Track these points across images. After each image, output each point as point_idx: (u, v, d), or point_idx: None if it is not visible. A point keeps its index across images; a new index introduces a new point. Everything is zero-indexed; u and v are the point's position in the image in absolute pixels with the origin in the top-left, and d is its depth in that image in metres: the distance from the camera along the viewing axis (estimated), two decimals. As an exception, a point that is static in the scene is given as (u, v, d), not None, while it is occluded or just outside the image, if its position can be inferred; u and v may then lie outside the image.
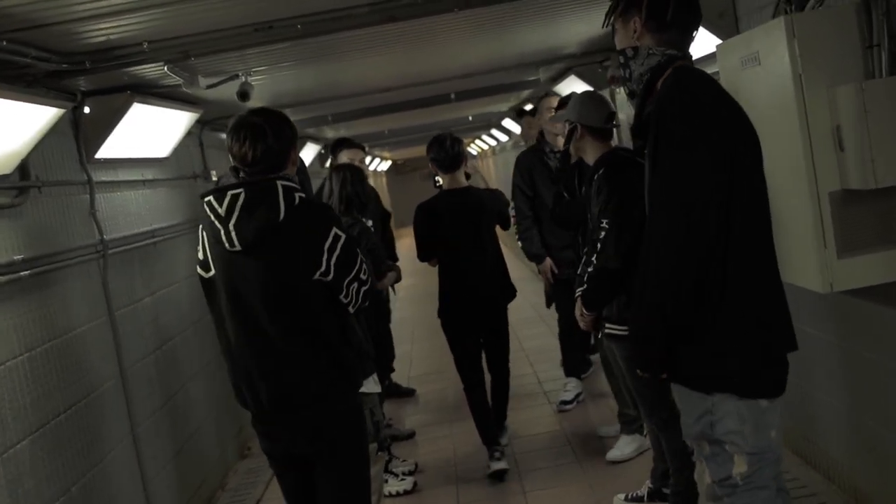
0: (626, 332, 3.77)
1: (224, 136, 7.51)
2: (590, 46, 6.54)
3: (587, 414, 5.90)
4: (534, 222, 5.93)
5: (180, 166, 6.08)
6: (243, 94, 4.59)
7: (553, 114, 5.83)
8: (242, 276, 2.82)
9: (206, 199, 2.85)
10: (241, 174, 2.89)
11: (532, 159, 6.03)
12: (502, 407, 5.44)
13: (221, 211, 2.80)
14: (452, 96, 7.95)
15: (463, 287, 5.12)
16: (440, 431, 6.12)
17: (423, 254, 5.27)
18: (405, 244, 11.02)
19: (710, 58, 4.00)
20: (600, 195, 3.73)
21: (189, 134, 6.05)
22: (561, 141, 5.90)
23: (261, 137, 2.82)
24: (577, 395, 6.10)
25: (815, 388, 4.17)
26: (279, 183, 2.79)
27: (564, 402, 6.05)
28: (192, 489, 5.18)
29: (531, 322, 9.13)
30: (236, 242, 2.78)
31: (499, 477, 5.05)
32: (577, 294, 3.97)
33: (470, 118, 12.32)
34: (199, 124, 6.55)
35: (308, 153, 10.13)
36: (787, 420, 3.62)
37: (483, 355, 5.31)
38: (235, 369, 2.95)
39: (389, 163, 26.59)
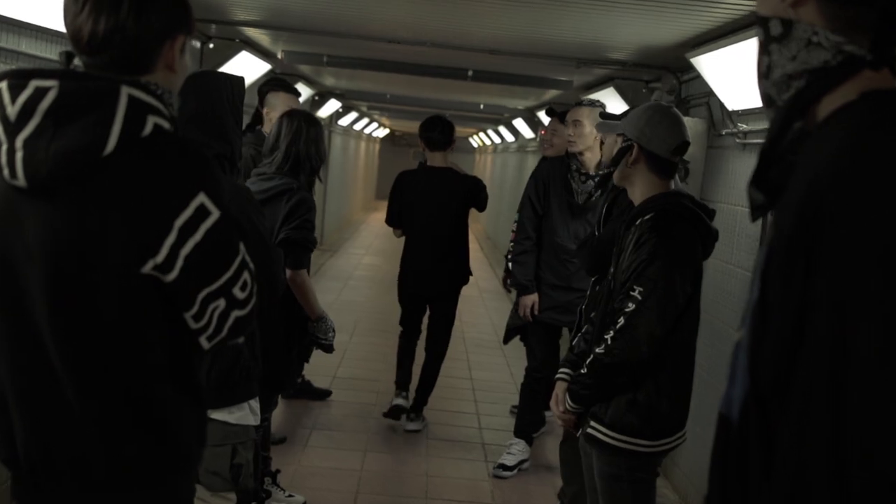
0: (620, 443, 2.69)
1: (196, 44, 6.39)
2: (643, 56, 5.43)
3: (528, 491, 4.80)
4: (534, 246, 4.91)
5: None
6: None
7: (574, 127, 4.81)
8: (23, 241, 1.61)
9: None
10: (74, 64, 1.73)
11: (553, 172, 4.92)
12: (428, 385, 5.67)
13: (11, 111, 1.56)
14: (470, 73, 6.81)
15: (422, 260, 5.48)
16: (349, 461, 4.99)
17: (392, 218, 5.61)
18: (379, 218, 9.83)
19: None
20: (639, 249, 2.63)
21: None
22: (591, 159, 4.87)
23: (110, 6, 1.62)
24: (521, 463, 5.00)
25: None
26: (126, 89, 1.59)
27: (504, 467, 4.95)
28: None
29: (488, 347, 8.02)
30: (20, 174, 1.56)
31: (393, 415, 5.54)
32: (558, 376, 2.89)
33: (482, 106, 11.18)
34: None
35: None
36: None
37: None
38: None
39: (387, 131, 25.36)
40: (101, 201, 1.58)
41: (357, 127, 16.99)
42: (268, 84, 4.85)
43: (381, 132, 24.40)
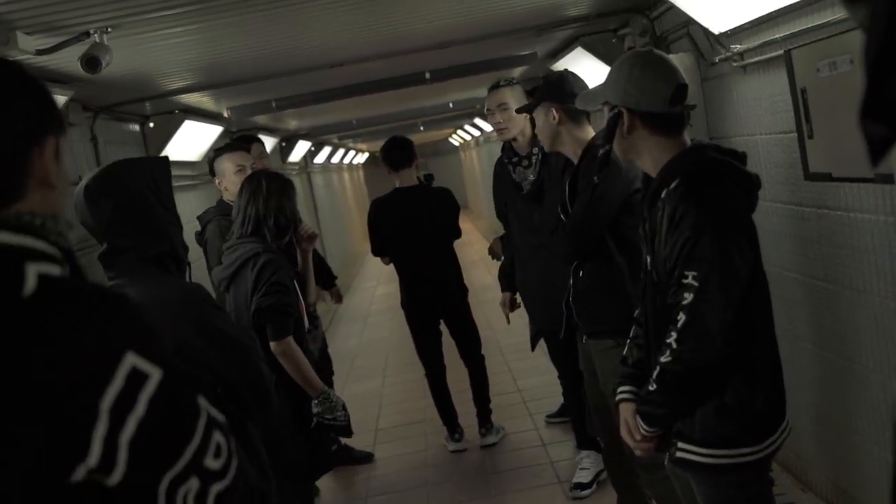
0: (721, 460, 2.20)
1: (135, 127, 5.94)
2: (606, 5, 4.95)
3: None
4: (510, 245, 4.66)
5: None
6: (92, 62, 2.95)
7: (501, 112, 4.34)
8: None
9: None
10: None
11: (499, 169, 4.53)
12: (483, 396, 5.55)
13: None
14: (427, 75, 6.33)
15: (417, 279, 5.40)
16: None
17: (376, 248, 5.51)
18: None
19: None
20: (678, 227, 2.14)
21: (70, 126, 4.48)
22: (523, 141, 4.34)
23: None
24: (598, 475, 4.50)
25: None
26: None
27: (580, 486, 4.45)
28: None
29: (527, 349, 7.49)
30: None
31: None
32: (620, 396, 2.40)
33: (451, 104, 10.71)
34: (91, 112, 4.96)
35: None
36: None
37: (449, 346, 5.58)
38: None
39: (367, 155, 24.92)
40: None
41: (334, 160, 16.54)
42: (214, 155, 4.43)
43: (362, 157, 23.98)
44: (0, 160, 1.18)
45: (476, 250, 14.73)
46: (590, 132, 3.47)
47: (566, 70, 3.81)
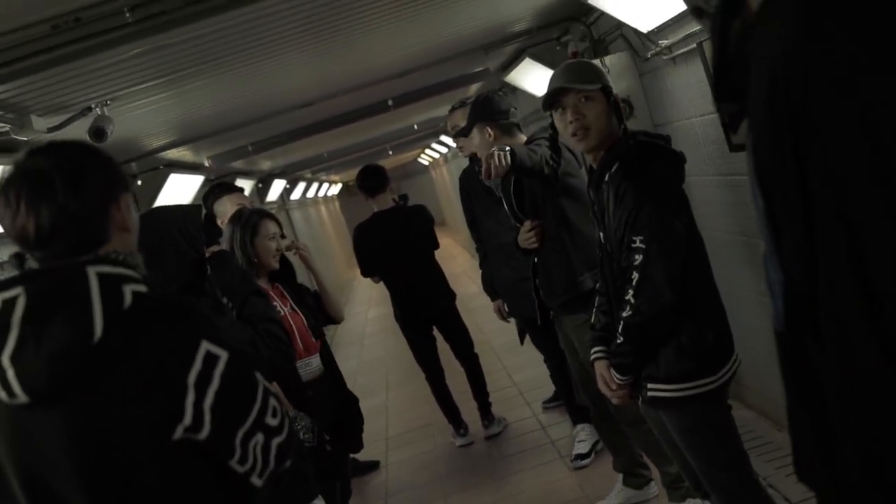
0: (685, 392, 2.61)
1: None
2: (545, 17, 5.38)
3: (612, 469, 4.68)
4: (485, 254, 5.14)
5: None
6: (98, 133, 3.34)
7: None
8: (42, 454, 1.55)
9: None
10: (28, 263, 1.71)
11: (470, 179, 5.06)
12: (481, 391, 5.93)
13: None
14: (390, 103, 6.76)
15: (405, 292, 5.82)
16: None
17: (365, 269, 5.93)
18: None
19: None
20: (622, 202, 2.56)
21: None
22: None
23: (45, 194, 1.58)
24: (595, 445, 4.90)
25: None
26: (91, 270, 1.56)
27: (580, 457, 4.85)
28: None
29: (518, 347, 7.89)
30: (18, 391, 1.51)
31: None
32: (594, 356, 2.81)
33: (415, 126, 11.14)
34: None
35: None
36: None
37: (445, 351, 5.98)
38: None
39: (340, 185, 25.34)
40: (110, 387, 1.54)
41: (310, 194, 16.93)
42: (211, 196, 4.67)
43: (335, 188, 24.38)
44: (91, 217, 1.64)
45: (458, 263, 15.14)
46: (522, 139, 3.89)
47: (492, 90, 4.25)
